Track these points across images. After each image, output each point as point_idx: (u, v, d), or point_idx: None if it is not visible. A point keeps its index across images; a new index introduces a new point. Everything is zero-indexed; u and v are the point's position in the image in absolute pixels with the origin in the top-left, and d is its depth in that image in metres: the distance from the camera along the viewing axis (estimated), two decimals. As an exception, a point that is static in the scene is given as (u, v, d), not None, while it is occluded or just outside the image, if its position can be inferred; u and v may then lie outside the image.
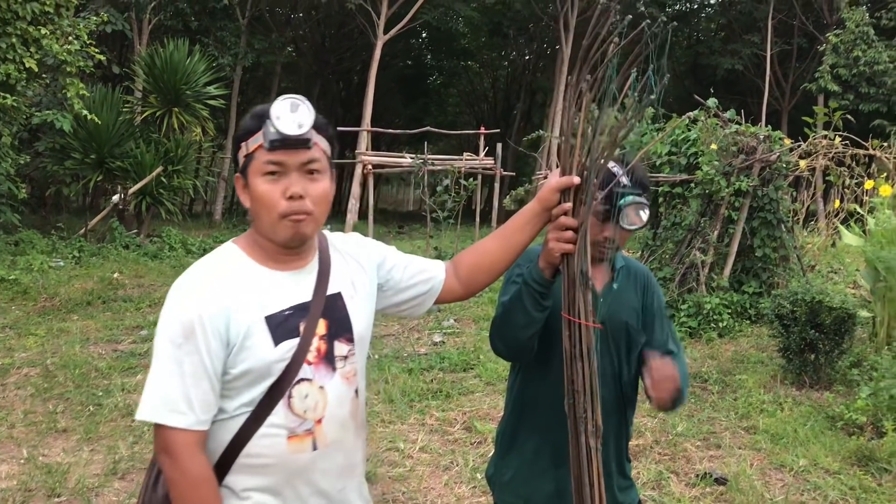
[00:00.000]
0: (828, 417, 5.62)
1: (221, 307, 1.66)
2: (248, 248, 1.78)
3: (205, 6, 23.03)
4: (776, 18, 27.47)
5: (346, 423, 1.80)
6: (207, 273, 1.72)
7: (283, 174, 1.68)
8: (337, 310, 1.81)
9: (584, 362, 1.87)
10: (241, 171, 1.73)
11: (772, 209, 8.59)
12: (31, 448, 4.79)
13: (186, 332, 1.64)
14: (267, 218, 1.70)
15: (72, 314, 8.69)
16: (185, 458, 1.63)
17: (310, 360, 1.73)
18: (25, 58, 11.13)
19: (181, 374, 1.64)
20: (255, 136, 1.69)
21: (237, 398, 1.70)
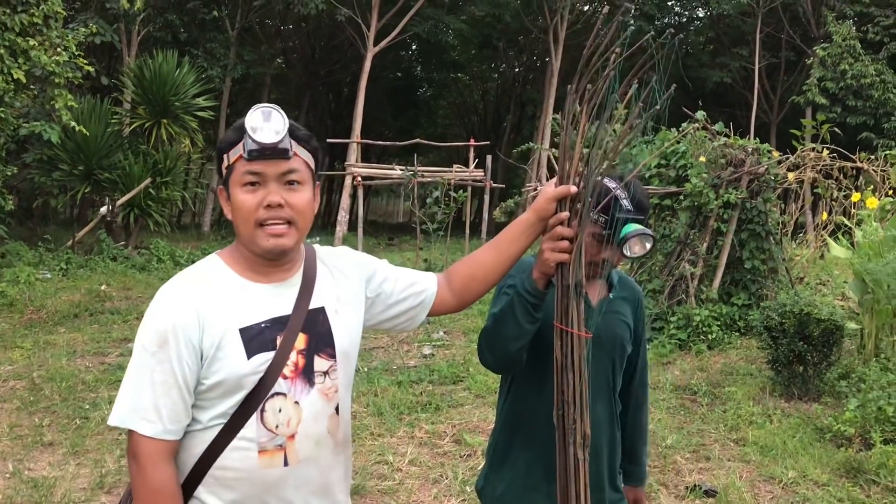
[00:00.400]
0: (816, 429, 5.63)
1: (196, 317, 1.66)
2: (230, 259, 1.78)
3: (194, 18, 23.02)
4: (764, 32, 27.70)
5: (323, 440, 1.77)
6: (186, 283, 1.72)
7: (262, 184, 1.69)
8: (318, 324, 1.79)
9: (575, 373, 1.86)
10: (224, 183, 1.74)
11: (760, 221, 8.63)
12: (17, 462, 4.74)
13: (160, 341, 1.65)
14: (245, 227, 1.71)
15: (59, 326, 8.63)
16: (149, 466, 1.63)
17: (286, 375, 1.70)
18: (13, 69, 11.09)
19: (152, 383, 1.64)
20: (236, 148, 1.69)
21: (211, 410, 1.69)
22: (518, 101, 36.35)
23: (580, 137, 1.85)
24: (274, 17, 27.74)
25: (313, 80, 31.99)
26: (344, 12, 23.45)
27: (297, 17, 25.94)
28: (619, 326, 2.28)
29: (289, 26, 30.04)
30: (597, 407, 2.19)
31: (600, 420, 2.22)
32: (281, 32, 29.70)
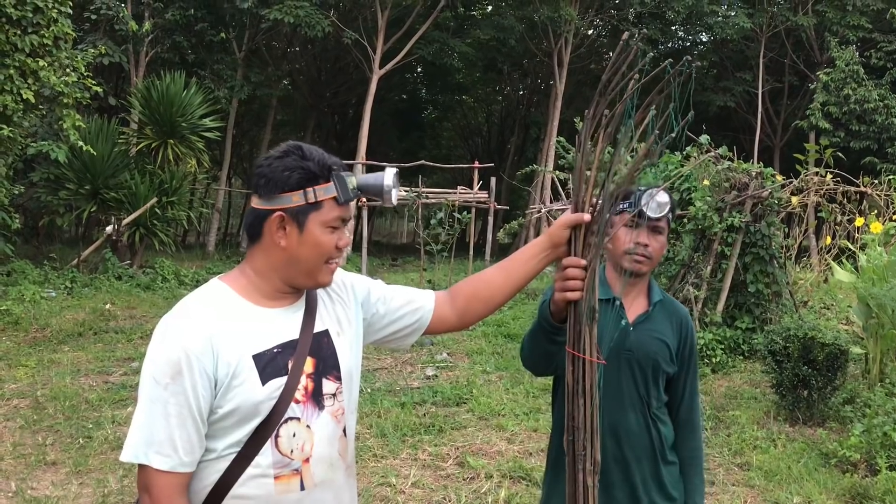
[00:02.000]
0: (821, 454, 5.61)
1: (209, 345, 1.64)
2: (236, 285, 1.76)
3: (202, 39, 23.22)
4: (767, 57, 27.84)
5: (335, 462, 1.78)
6: (194, 311, 1.69)
7: (339, 228, 1.75)
8: (324, 347, 1.80)
9: (586, 399, 1.87)
10: (294, 214, 1.69)
11: (764, 245, 8.63)
12: (20, 481, 4.74)
13: (173, 372, 1.62)
14: (315, 263, 1.73)
15: (63, 345, 8.64)
16: (165, 500, 1.61)
17: (297, 399, 1.71)
18: (23, 89, 11.18)
19: (166, 415, 1.61)
20: (327, 187, 1.70)
21: (224, 438, 1.67)
22: (522, 124, 36.50)
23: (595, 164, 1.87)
24: (281, 39, 27.98)
25: (319, 102, 32.17)
26: (350, 35, 23.64)
27: (303, 39, 26.15)
28: (653, 343, 2.35)
29: (295, 48, 30.26)
30: (629, 417, 2.32)
31: (633, 431, 2.32)
32: (287, 54, 29.92)
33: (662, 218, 2.34)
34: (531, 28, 26.89)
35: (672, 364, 2.40)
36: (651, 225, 2.33)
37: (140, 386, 1.66)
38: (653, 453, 2.35)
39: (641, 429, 2.34)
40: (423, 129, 40.90)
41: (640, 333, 2.37)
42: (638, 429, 2.34)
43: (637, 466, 2.33)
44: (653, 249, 2.35)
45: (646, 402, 2.36)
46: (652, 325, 2.39)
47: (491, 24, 27.75)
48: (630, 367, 2.35)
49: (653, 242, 2.35)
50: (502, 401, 6.89)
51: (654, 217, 2.30)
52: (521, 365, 7.64)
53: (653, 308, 2.41)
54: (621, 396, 2.34)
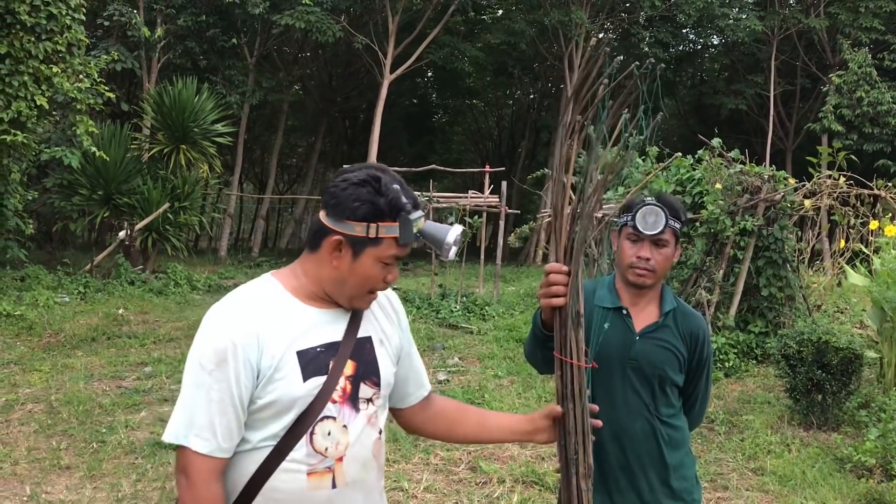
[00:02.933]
0: (836, 459, 5.57)
1: (255, 337, 1.69)
2: (287, 283, 1.82)
3: (213, 45, 23.33)
4: (779, 59, 27.72)
5: (368, 463, 1.83)
6: (244, 302, 1.75)
7: (392, 264, 1.79)
8: (365, 353, 1.85)
9: (576, 402, 1.89)
10: (353, 242, 1.74)
11: (777, 248, 8.59)
12: (35, 485, 4.76)
13: (219, 360, 1.67)
14: (358, 290, 1.79)
15: (76, 350, 8.68)
16: (201, 483, 1.67)
17: (335, 399, 1.75)
18: (37, 95, 11.26)
19: (208, 401, 1.67)
20: (390, 227, 1.74)
21: (261, 430, 1.72)
22: (533, 128, 36.47)
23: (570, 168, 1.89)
24: (292, 44, 28.08)
25: (330, 107, 32.25)
26: (361, 40, 23.71)
27: (314, 44, 26.24)
28: (660, 353, 2.35)
29: (306, 54, 30.36)
30: (635, 426, 2.33)
31: (638, 437, 2.33)
32: (298, 60, 30.02)
33: (664, 231, 2.33)
34: (542, 32, 26.88)
35: (681, 374, 2.39)
36: (653, 239, 2.33)
37: (185, 370, 1.72)
38: (661, 459, 2.35)
39: (647, 436, 2.34)
40: (434, 134, 40.93)
41: (647, 343, 2.37)
42: (643, 436, 2.33)
43: (643, 473, 2.33)
44: (655, 263, 2.34)
45: (652, 411, 2.35)
46: (661, 335, 2.38)
47: (501, 28, 27.77)
48: (635, 377, 2.35)
49: (655, 256, 2.34)
50: (514, 405, 6.88)
51: (647, 234, 2.30)
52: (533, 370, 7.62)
53: (664, 317, 2.40)
54: (626, 405, 2.34)
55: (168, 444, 1.72)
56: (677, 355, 2.37)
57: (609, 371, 2.34)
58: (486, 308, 12.11)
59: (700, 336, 2.43)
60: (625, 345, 2.36)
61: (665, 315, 2.40)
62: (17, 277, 12.73)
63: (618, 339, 2.36)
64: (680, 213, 2.37)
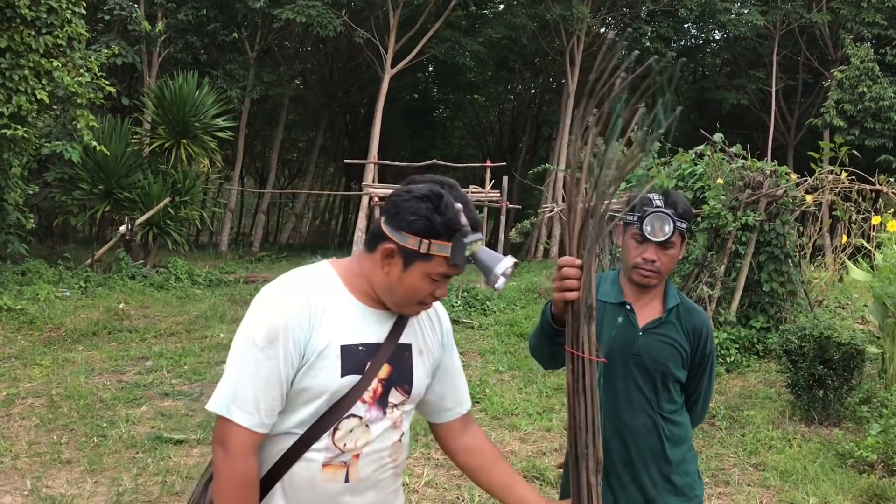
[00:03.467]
0: (838, 455, 5.56)
1: (308, 319, 1.73)
2: (345, 276, 1.85)
3: (214, 39, 23.30)
4: (781, 54, 27.67)
5: (385, 463, 1.84)
6: (301, 284, 1.79)
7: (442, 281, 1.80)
8: (403, 359, 1.87)
9: (587, 397, 1.87)
10: (405, 254, 1.76)
11: (779, 244, 8.57)
12: (35, 479, 4.76)
13: (271, 337, 1.70)
14: (405, 299, 1.80)
15: (77, 344, 8.68)
16: (239, 456, 1.69)
17: (364, 399, 1.77)
18: (37, 89, 11.23)
19: (255, 376, 1.70)
20: (443, 246, 1.74)
21: (292, 416, 1.75)
22: (534, 123, 36.43)
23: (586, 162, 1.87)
24: (293, 39, 28.05)
25: (331, 102, 32.22)
26: (362, 34, 23.66)
27: (315, 39, 26.19)
28: (663, 349, 2.34)
29: (307, 48, 30.31)
30: (637, 421, 2.33)
31: (641, 433, 2.33)
32: (299, 54, 29.99)
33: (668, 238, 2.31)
34: (543, 26, 26.83)
35: (683, 370, 2.38)
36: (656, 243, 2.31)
37: (235, 344, 1.75)
38: (663, 455, 2.35)
39: (650, 431, 2.34)
40: (435, 129, 40.89)
41: (650, 339, 2.36)
42: (646, 431, 2.33)
43: (645, 468, 2.34)
44: (661, 265, 2.32)
45: (655, 407, 2.35)
46: (664, 331, 2.37)
47: (503, 23, 27.70)
48: (638, 372, 2.34)
49: (661, 257, 2.32)
50: (515, 400, 6.88)
51: (655, 241, 2.29)
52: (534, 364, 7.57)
53: (667, 313, 2.39)
54: (629, 400, 2.34)
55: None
56: (680, 351, 2.36)
57: (612, 366, 2.33)
58: (487, 303, 12.11)
59: (703, 332, 2.42)
60: (628, 340, 2.35)
61: (668, 311, 2.39)
62: (17, 272, 12.72)
63: (621, 335, 2.35)
64: (687, 213, 2.34)
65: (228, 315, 10.58)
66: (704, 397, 2.49)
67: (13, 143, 11.92)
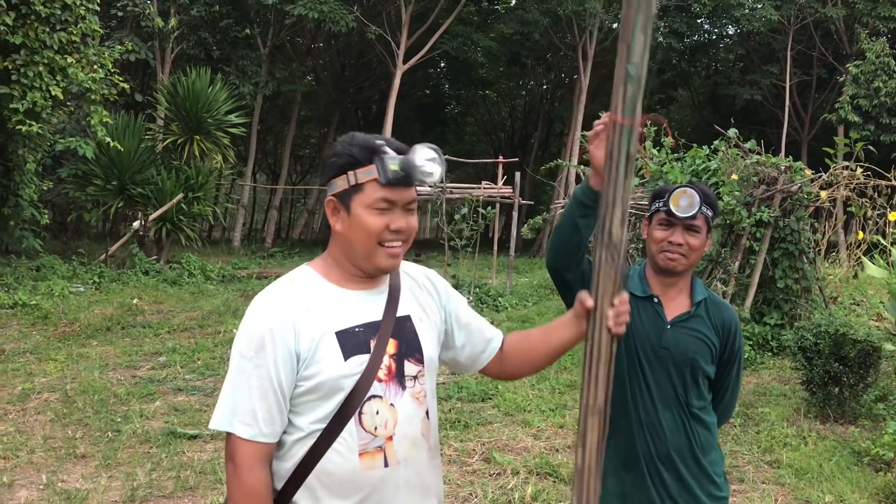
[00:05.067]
0: (853, 452, 5.52)
1: (292, 321, 1.72)
2: (321, 269, 1.85)
3: (227, 36, 23.36)
4: (795, 49, 27.48)
5: (418, 441, 1.83)
6: (280, 291, 1.79)
7: (389, 210, 1.75)
8: (406, 331, 1.85)
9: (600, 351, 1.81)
10: (341, 198, 1.77)
11: (793, 240, 8.52)
12: (51, 474, 4.78)
13: (257, 347, 1.71)
14: (366, 245, 1.77)
15: (91, 340, 8.73)
16: (245, 468, 1.69)
17: (380, 378, 1.76)
18: (52, 86, 11.30)
19: (248, 387, 1.70)
20: (368, 169, 1.74)
21: (309, 414, 1.74)
22: (546, 118, 36.36)
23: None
24: (305, 35, 28.08)
25: (343, 98, 32.24)
26: (374, 30, 23.67)
27: (327, 35, 26.22)
28: (692, 343, 2.33)
29: (319, 44, 30.35)
30: (664, 415, 2.31)
31: (667, 428, 2.32)
32: (311, 50, 30.02)
33: (696, 216, 2.30)
34: (555, 22, 26.74)
35: (712, 365, 2.37)
36: (685, 224, 2.31)
37: (230, 359, 1.77)
38: (691, 450, 2.33)
39: (678, 427, 2.32)
40: (447, 125, 40.89)
41: (679, 332, 2.34)
42: (674, 426, 2.32)
43: (671, 465, 2.32)
44: (688, 248, 2.31)
45: (683, 402, 2.33)
46: (693, 325, 2.36)
47: (515, 18, 27.65)
48: (666, 366, 2.33)
49: (688, 240, 2.32)
50: (528, 397, 6.86)
51: (681, 216, 2.28)
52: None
53: (695, 307, 2.38)
54: (657, 394, 2.32)
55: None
56: (709, 345, 2.35)
57: (640, 359, 2.33)
58: (499, 299, 12.10)
59: (732, 327, 2.40)
60: (656, 333, 2.34)
61: (697, 305, 2.37)
62: (32, 267, 12.82)
63: (648, 328, 2.34)
64: (713, 203, 2.36)
65: (241, 311, 10.61)
66: (731, 393, 2.47)
67: (28, 140, 12.01)
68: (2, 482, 4.60)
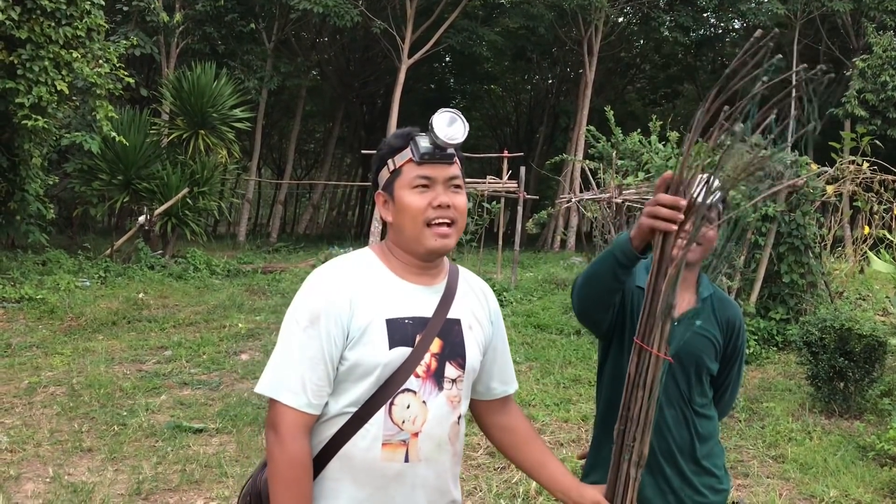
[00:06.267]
0: (859, 447, 5.52)
1: (348, 299, 1.74)
2: (382, 256, 1.87)
3: (232, 30, 23.35)
4: (802, 44, 27.38)
5: (444, 444, 1.82)
6: (342, 268, 1.82)
7: (430, 187, 1.78)
8: (453, 334, 1.85)
9: (646, 392, 1.87)
10: (385, 188, 1.83)
11: (799, 235, 8.50)
12: (57, 467, 4.81)
13: (313, 318, 1.73)
14: (413, 227, 1.78)
15: (97, 334, 8.76)
16: (289, 436, 1.70)
17: (418, 373, 1.77)
18: (57, 80, 11.31)
19: (301, 357, 1.72)
20: (403, 153, 1.79)
21: (344, 395, 1.75)
22: (551, 113, 36.29)
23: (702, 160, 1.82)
24: (310, 29, 28.06)
25: (348, 92, 32.23)
26: (379, 25, 23.64)
27: (332, 29, 26.21)
28: (697, 341, 2.31)
29: (324, 39, 30.34)
30: (668, 413, 2.29)
31: (669, 425, 2.30)
32: (316, 45, 30.00)
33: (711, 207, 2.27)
34: (561, 16, 26.67)
35: (716, 362, 2.35)
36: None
37: (282, 328, 1.78)
38: (692, 446, 2.33)
39: (680, 424, 2.31)
40: (452, 119, 40.79)
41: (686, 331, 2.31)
42: (676, 423, 2.30)
43: (673, 461, 2.31)
44: (704, 238, 2.27)
45: (686, 399, 2.32)
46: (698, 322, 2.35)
47: (520, 13, 27.57)
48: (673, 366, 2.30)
49: (706, 231, 2.27)
50: (532, 391, 6.86)
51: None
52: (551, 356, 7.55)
53: (701, 303, 2.35)
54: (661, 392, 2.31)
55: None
56: (714, 343, 2.33)
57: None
58: (504, 294, 12.09)
59: (736, 324, 2.39)
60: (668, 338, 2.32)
61: (703, 301, 2.35)
62: (38, 261, 12.86)
63: None
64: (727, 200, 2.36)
65: (246, 305, 10.64)
66: (732, 389, 2.46)
67: (34, 134, 12.02)
68: (9, 475, 4.63)
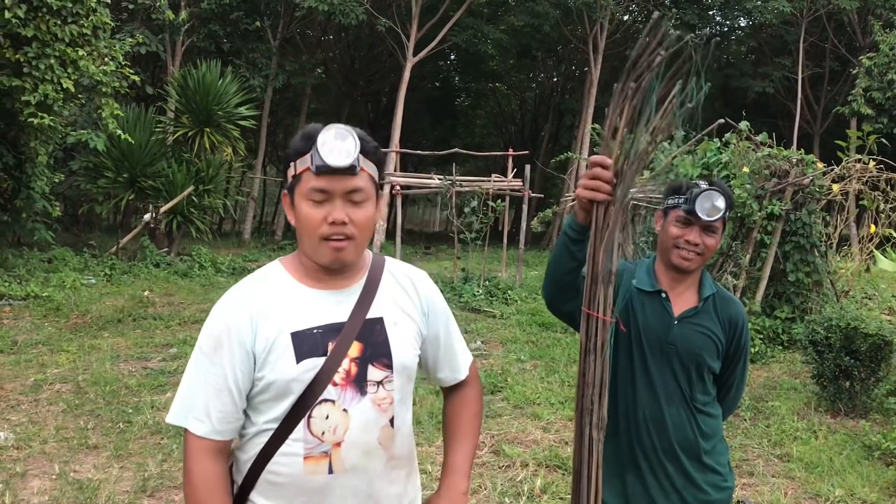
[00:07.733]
0: (864, 447, 5.50)
1: (248, 320, 1.70)
2: (290, 266, 1.80)
3: (237, 28, 23.37)
4: (807, 41, 27.29)
5: (373, 450, 1.75)
6: (244, 288, 1.77)
7: (327, 200, 1.67)
8: (375, 334, 1.76)
9: (597, 356, 1.94)
10: (289, 190, 1.73)
11: (805, 233, 8.48)
12: (63, 464, 4.82)
13: (215, 344, 1.70)
14: (309, 240, 1.71)
15: (103, 331, 8.77)
16: (194, 461, 1.70)
17: (336, 382, 1.70)
18: (63, 78, 11.32)
19: (205, 385, 1.70)
20: (303, 158, 1.68)
21: (265, 413, 1.72)
22: (556, 111, 36.25)
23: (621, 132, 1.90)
24: (315, 27, 28.06)
25: (353, 90, 32.23)
26: (384, 23, 23.63)
27: (337, 27, 26.19)
28: (698, 339, 2.32)
29: (329, 37, 30.33)
30: (669, 411, 2.31)
31: (671, 423, 2.31)
32: (322, 43, 30.00)
33: (717, 219, 2.28)
34: (566, 14, 26.64)
35: (718, 361, 2.36)
36: (704, 224, 2.28)
37: (192, 354, 1.76)
38: (695, 444, 2.33)
39: (682, 422, 2.32)
40: (457, 117, 40.81)
41: (686, 328, 2.33)
42: (678, 422, 2.31)
43: (675, 459, 2.31)
44: (704, 248, 2.29)
45: (688, 397, 2.33)
46: (699, 321, 2.35)
47: (525, 11, 27.54)
48: (672, 362, 2.32)
49: (705, 240, 2.29)
50: (537, 389, 6.86)
51: (705, 219, 2.26)
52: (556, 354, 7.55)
53: (703, 303, 2.36)
54: (664, 390, 2.32)
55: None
56: (715, 341, 2.34)
57: (647, 355, 2.32)
58: (508, 292, 12.09)
59: (739, 323, 2.39)
60: (662, 329, 2.32)
61: (704, 300, 2.36)
62: (44, 259, 12.89)
63: (656, 323, 2.33)
64: (733, 202, 2.35)
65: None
66: (737, 388, 2.47)
67: (39, 132, 12.04)
68: (15, 472, 4.64)
